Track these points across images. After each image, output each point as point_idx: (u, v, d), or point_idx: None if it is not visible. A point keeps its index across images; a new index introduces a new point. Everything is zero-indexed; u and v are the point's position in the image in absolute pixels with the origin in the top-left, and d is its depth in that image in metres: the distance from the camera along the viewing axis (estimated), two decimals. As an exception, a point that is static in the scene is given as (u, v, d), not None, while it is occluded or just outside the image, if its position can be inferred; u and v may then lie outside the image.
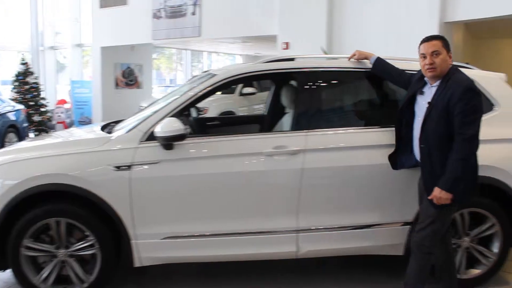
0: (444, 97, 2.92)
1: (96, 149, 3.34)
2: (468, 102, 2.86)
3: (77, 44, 15.20)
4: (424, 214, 3.10)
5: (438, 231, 3.07)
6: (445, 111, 2.90)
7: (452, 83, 2.93)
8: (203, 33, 10.30)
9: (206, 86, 3.47)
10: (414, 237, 3.14)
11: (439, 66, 2.98)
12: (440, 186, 2.92)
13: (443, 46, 3.01)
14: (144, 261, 3.40)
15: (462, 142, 2.86)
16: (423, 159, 3.06)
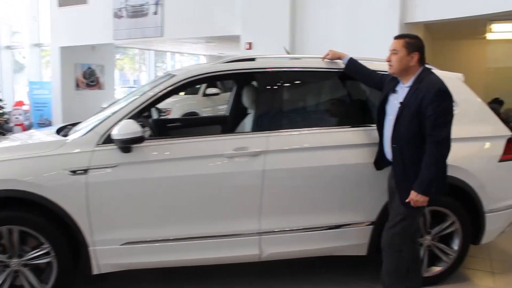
0: (417, 98, 2.94)
1: (51, 153, 3.22)
2: (439, 104, 2.89)
3: (35, 44, 14.73)
4: (394, 213, 3.13)
5: (408, 228, 3.10)
6: (417, 112, 2.93)
7: (425, 85, 2.96)
8: (165, 33, 10.15)
9: (165, 87, 3.39)
10: (384, 236, 3.17)
11: (393, 64, 3.04)
12: (416, 190, 2.95)
13: (403, 45, 3.03)
14: (103, 268, 3.30)
15: (435, 144, 2.89)
16: (395, 158, 3.08)
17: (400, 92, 3.11)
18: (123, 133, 3.06)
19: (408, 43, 3.04)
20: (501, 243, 4.62)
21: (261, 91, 3.48)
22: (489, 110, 3.93)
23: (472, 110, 3.82)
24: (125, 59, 23.35)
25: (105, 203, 3.20)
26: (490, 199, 3.65)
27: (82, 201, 3.15)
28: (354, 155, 3.41)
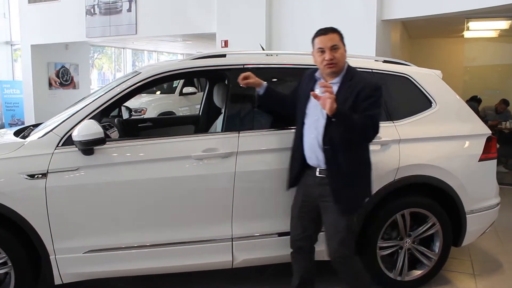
0: (352, 94, 2.75)
1: (6, 155, 3.00)
2: (377, 99, 2.77)
3: (5, 42, 14.33)
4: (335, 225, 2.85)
5: (352, 235, 2.92)
6: (352, 108, 2.72)
7: (359, 81, 2.78)
8: (139, 31, 9.90)
9: (129, 85, 3.18)
10: (336, 254, 2.88)
11: (338, 61, 2.81)
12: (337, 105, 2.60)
13: (340, 40, 2.84)
14: (65, 278, 3.09)
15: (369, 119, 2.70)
16: (328, 161, 2.82)
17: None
18: (83, 134, 2.86)
19: (342, 37, 2.86)
20: (483, 244, 4.55)
21: (231, 89, 3.30)
22: (468, 108, 3.85)
23: (451, 108, 3.73)
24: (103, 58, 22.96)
25: (66, 209, 3.00)
26: (470, 200, 3.56)
27: (41, 207, 2.95)
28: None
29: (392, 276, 3.49)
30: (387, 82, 3.52)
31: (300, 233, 3.01)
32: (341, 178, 2.80)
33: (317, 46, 2.84)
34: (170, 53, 19.90)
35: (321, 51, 2.81)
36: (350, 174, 2.79)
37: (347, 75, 2.83)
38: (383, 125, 3.40)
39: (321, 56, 2.82)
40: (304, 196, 2.98)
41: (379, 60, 3.82)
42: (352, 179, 2.80)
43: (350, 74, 2.84)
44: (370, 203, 3.27)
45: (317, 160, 2.87)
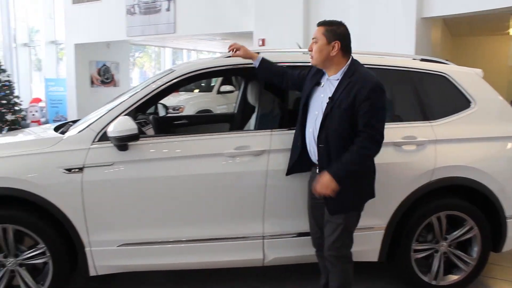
0: (349, 93, 2.66)
1: (46, 150, 3.10)
2: (376, 102, 2.63)
3: (51, 41, 14.83)
4: (330, 225, 2.81)
5: (351, 234, 2.86)
6: (349, 109, 2.64)
7: (358, 79, 2.68)
8: (178, 30, 10.06)
9: (163, 83, 3.23)
10: (330, 252, 2.84)
11: (314, 54, 2.76)
12: (332, 173, 2.64)
13: (323, 33, 2.74)
14: (99, 270, 3.18)
15: (368, 138, 2.63)
16: (321, 160, 2.76)
17: (327, 85, 2.82)
18: (118, 130, 2.92)
19: (328, 31, 2.74)
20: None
21: (264, 87, 3.30)
22: (511, 109, 3.69)
23: (492, 108, 3.59)
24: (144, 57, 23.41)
25: (101, 202, 3.07)
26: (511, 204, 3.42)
27: (78, 201, 3.03)
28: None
29: (427, 280, 3.40)
30: (424, 81, 3.45)
31: (317, 231, 3.00)
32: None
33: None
34: (209, 51, 20.09)
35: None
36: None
37: (348, 71, 2.75)
38: (419, 124, 3.35)
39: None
40: (312, 195, 2.94)
41: (417, 59, 3.74)
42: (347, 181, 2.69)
43: (351, 71, 2.74)
44: (404, 204, 3.20)
45: (314, 156, 2.85)
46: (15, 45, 15.45)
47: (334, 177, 2.63)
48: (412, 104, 3.43)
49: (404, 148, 3.26)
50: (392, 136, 3.19)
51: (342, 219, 2.78)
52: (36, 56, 16.52)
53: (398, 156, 3.25)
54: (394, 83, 3.48)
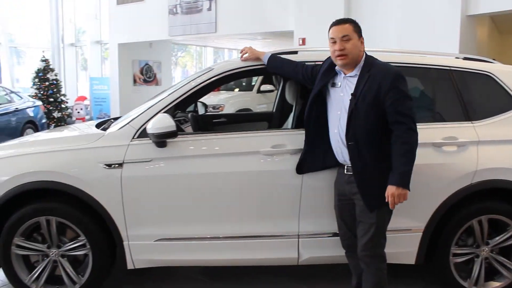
0: (372, 86, 2.65)
1: (87, 145, 3.21)
2: (401, 89, 2.64)
3: (96, 41, 15.27)
4: (363, 225, 2.79)
5: (384, 232, 2.81)
6: (374, 102, 2.63)
7: (378, 71, 2.67)
8: (219, 29, 10.17)
9: (201, 81, 3.28)
10: (364, 252, 2.80)
11: (350, 53, 2.70)
12: (395, 184, 2.63)
13: (354, 30, 2.73)
14: (137, 264, 3.25)
15: (407, 131, 2.63)
16: (353, 157, 2.74)
17: (344, 84, 2.79)
18: (157, 127, 2.98)
19: (356, 27, 2.75)
20: None
21: (302, 86, 3.29)
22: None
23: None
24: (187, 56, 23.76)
25: (139, 198, 3.15)
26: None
27: (117, 195, 3.11)
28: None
29: (466, 285, 3.30)
30: (466, 80, 3.35)
31: (346, 232, 2.97)
32: (366, 175, 2.72)
33: (330, 36, 2.79)
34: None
35: (333, 41, 2.76)
36: (376, 169, 2.71)
37: (365, 66, 2.73)
38: (461, 125, 3.26)
39: (333, 47, 2.76)
40: (339, 196, 2.94)
41: (459, 57, 3.63)
42: (378, 174, 2.70)
43: (368, 64, 2.73)
44: (444, 206, 3.13)
45: (342, 157, 2.83)
46: (63, 45, 16.00)
47: (399, 186, 2.63)
48: (453, 104, 3.33)
49: (444, 149, 3.18)
50: (431, 137, 3.13)
51: (375, 218, 2.75)
52: (82, 55, 17.05)
53: (437, 157, 3.17)
54: (435, 82, 3.42)
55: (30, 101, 10.32)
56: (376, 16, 7.72)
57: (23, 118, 9.54)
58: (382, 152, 2.70)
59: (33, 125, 9.82)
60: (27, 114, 9.71)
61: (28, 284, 3.27)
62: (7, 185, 3.14)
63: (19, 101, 9.69)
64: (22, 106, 9.64)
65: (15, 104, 9.40)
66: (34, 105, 10.21)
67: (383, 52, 3.33)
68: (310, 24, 8.45)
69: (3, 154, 3.36)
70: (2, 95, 9.46)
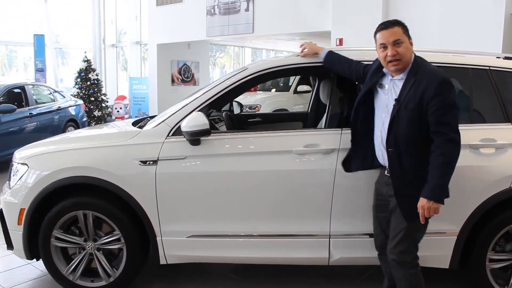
0: (415, 92, 2.53)
1: (123, 142, 3.29)
2: (446, 97, 2.48)
3: (136, 42, 15.59)
4: (395, 228, 2.71)
5: (416, 240, 2.72)
6: (417, 109, 2.52)
7: (424, 76, 2.54)
8: (256, 30, 10.20)
9: (236, 81, 3.30)
10: (391, 256, 2.73)
11: (403, 57, 2.59)
12: (427, 197, 2.52)
13: (404, 32, 2.62)
14: (169, 259, 3.32)
15: (446, 142, 2.48)
16: (392, 164, 2.65)
17: (390, 86, 2.69)
18: (191, 125, 3.03)
19: (406, 29, 2.64)
20: None
21: (336, 86, 3.28)
22: None
23: None
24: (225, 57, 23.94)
25: (173, 194, 3.20)
26: None
27: (151, 191, 3.18)
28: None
29: (504, 292, 3.21)
30: (507, 80, 3.26)
31: (380, 233, 2.93)
32: (404, 181, 2.62)
33: (379, 41, 2.68)
34: (288, 51, 20.15)
35: (383, 46, 2.65)
36: (415, 178, 2.59)
37: (412, 69, 2.62)
38: (500, 127, 3.17)
39: (384, 52, 2.65)
40: (377, 195, 2.88)
41: (500, 57, 3.53)
42: (418, 183, 2.58)
43: (415, 68, 2.61)
44: (480, 209, 3.05)
45: (383, 159, 2.77)
46: (104, 46, 16.42)
47: (430, 199, 2.52)
48: (492, 105, 3.24)
49: (481, 151, 3.09)
50: (469, 138, 3.04)
51: (409, 225, 2.67)
52: (123, 56, 17.44)
53: (474, 159, 3.08)
54: (473, 83, 3.32)
55: (72, 100, 10.62)
56: (415, 16, 7.57)
57: (65, 117, 9.82)
58: (423, 160, 2.57)
59: (74, 123, 10.11)
60: (69, 112, 10.00)
61: (65, 275, 3.38)
62: (48, 179, 3.25)
63: (61, 100, 9.99)
64: (65, 105, 9.93)
65: (58, 103, 9.69)
66: (76, 104, 10.50)
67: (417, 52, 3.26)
68: (348, 25, 8.39)
69: (45, 150, 3.49)
70: (46, 94, 9.78)
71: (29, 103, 8.65)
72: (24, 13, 15.48)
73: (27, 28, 15.45)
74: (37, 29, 15.47)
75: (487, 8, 6.72)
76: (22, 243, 3.35)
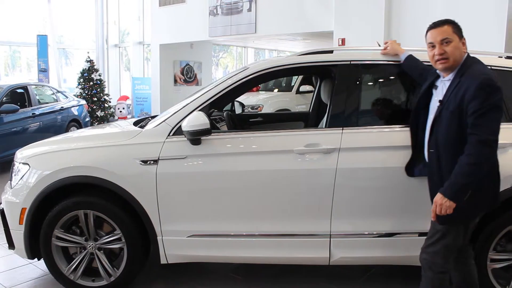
0: (457, 94, 2.49)
1: (124, 142, 3.29)
2: (485, 99, 2.39)
3: (139, 42, 15.61)
4: (432, 228, 2.68)
5: (451, 246, 2.64)
6: (457, 110, 2.48)
7: (467, 78, 2.49)
8: (258, 30, 10.20)
9: (236, 80, 3.30)
10: (423, 255, 2.71)
11: (451, 56, 2.55)
12: (442, 192, 2.48)
13: (454, 31, 2.58)
14: (170, 258, 3.32)
15: (477, 144, 2.40)
16: (432, 165, 2.64)
17: (440, 87, 2.67)
18: (191, 125, 3.03)
19: (457, 28, 2.59)
20: None
21: (336, 85, 3.27)
22: None
23: None
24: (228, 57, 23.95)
25: (174, 194, 3.20)
26: None
27: (152, 191, 3.18)
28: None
29: (505, 292, 3.20)
30: (507, 80, 3.24)
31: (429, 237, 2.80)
32: (441, 183, 2.57)
33: (428, 41, 2.67)
34: (290, 51, 20.15)
35: (432, 46, 2.64)
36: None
37: (460, 70, 2.58)
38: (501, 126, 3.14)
39: (432, 51, 2.64)
40: (430, 196, 2.79)
41: (502, 56, 3.52)
42: None
43: (464, 68, 2.57)
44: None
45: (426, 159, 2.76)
46: (107, 46, 16.46)
47: (445, 195, 2.47)
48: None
49: None
50: None
51: (443, 229, 2.62)
52: (126, 56, 17.47)
53: None
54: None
55: (75, 100, 10.64)
56: (418, 17, 7.57)
57: (68, 117, 9.85)
58: None
59: (77, 123, 10.14)
60: (71, 112, 10.02)
61: (66, 274, 3.39)
62: (49, 179, 3.26)
63: (64, 100, 10.02)
64: (67, 105, 9.96)
65: (60, 103, 9.72)
66: (79, 104, 10.52)
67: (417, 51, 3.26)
68: (350, 25, 8.38)
69: (46, 149, 3.50)
70: (49, 94, 9.80)
71: (32, 103, 8.67)
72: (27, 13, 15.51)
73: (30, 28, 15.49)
74: (40, 30, 15.52)
75: (490, 10, 6.70)
76: (24, 243, 3.36)
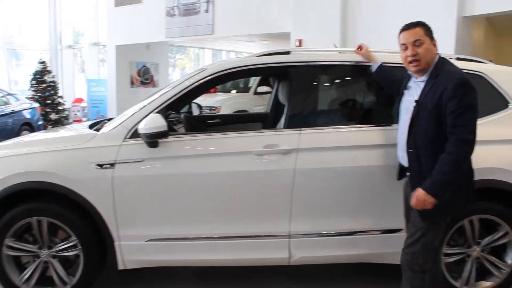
0: (434, 94, 2.55)
1: (79, 146, 3.21)
2: (462, 98, 2.46)
3: (94, 43, 15.28)
4: (413, 227, 2.73)
5: (430, 245, 2.71)
6: (436, 110, 2.54)
7: (443, 78, 2.55)
8: (216, 31, 10.18)
9: (194, 82, 3.27)
10: (404, 255, 2.77)
11: (423, 58, 2.61)
12: (424, 188, 2.54)
13: (425, 33, 2.64)
14: (128, 264, 3.25)
15: (456, 142, 2.48)
16: (411, 165, 2.70)
17: (414, 88, 2.74)
18: (148, 127, 2.98)
19: (428, 30, 2.64)
20: None
21: (293, 86, 3.29)
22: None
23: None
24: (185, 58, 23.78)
25: (131, 198, 3.14)
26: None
27: (108, 196, 3.11)
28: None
29: (457, 285, 3.29)
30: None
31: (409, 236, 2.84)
32: (422, 181, 2.60)
33: (401, 42, 2.70)
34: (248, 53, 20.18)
35: (405, 47, 2.68)
36: None
37: (434, 71, 2.64)
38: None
39: (405, 53, 2.68)
40: (405, 198, 2.87)
41: (452, 58, 3.63)
42: None
43: (437, 69, 2.63)
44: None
45: (403, 160, 2.80)
46: (61, 47, 16.02)
47: (428, 192, 2.52)
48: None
49: None
50: None
51: (424, 228, 2.66)
52: (81, 58, 17.07)
53: None
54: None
55: (27, 103, 10.32)
56: (373, 18, 7.74)
57: (20, 120, 9.55)
58: None
59: (29, 127, 9.83)
60: (23, 116, 9.72)
61: (19, 285, 3.26)
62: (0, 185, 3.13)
63: (15, 103, 9.70)
64: (19, 108, 9.65)
65: (11, 106, 9.41)
66: (31, 107, 10.21)
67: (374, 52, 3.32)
68: (307, 26, 8.47)
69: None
70: (-1, 97, 9.47)
71: (-20, 107, 8.35)
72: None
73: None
74: (-11, 30, 14.93)
75: (440, 11, 6.91)
76: (-28, 253, 3.21)
